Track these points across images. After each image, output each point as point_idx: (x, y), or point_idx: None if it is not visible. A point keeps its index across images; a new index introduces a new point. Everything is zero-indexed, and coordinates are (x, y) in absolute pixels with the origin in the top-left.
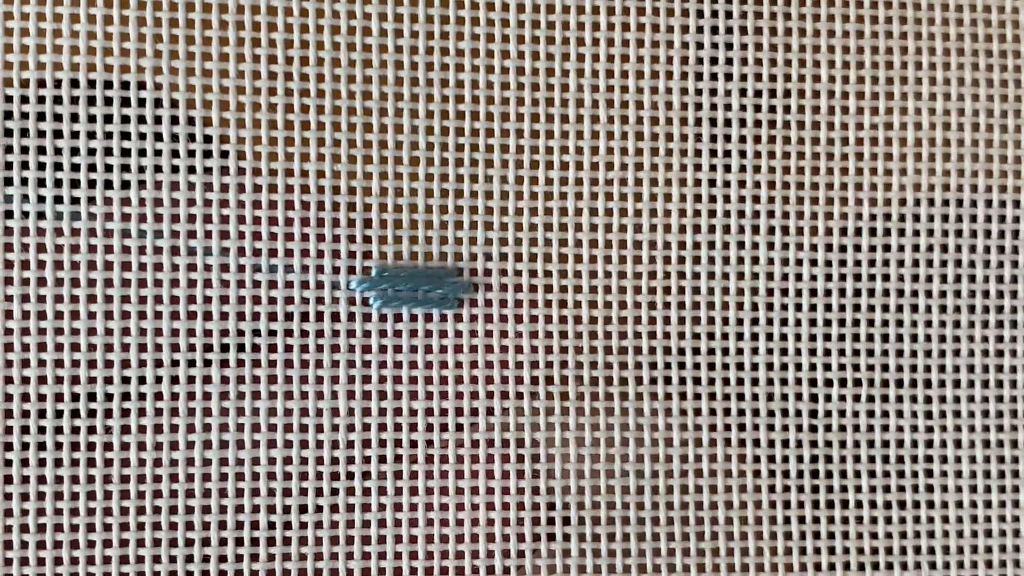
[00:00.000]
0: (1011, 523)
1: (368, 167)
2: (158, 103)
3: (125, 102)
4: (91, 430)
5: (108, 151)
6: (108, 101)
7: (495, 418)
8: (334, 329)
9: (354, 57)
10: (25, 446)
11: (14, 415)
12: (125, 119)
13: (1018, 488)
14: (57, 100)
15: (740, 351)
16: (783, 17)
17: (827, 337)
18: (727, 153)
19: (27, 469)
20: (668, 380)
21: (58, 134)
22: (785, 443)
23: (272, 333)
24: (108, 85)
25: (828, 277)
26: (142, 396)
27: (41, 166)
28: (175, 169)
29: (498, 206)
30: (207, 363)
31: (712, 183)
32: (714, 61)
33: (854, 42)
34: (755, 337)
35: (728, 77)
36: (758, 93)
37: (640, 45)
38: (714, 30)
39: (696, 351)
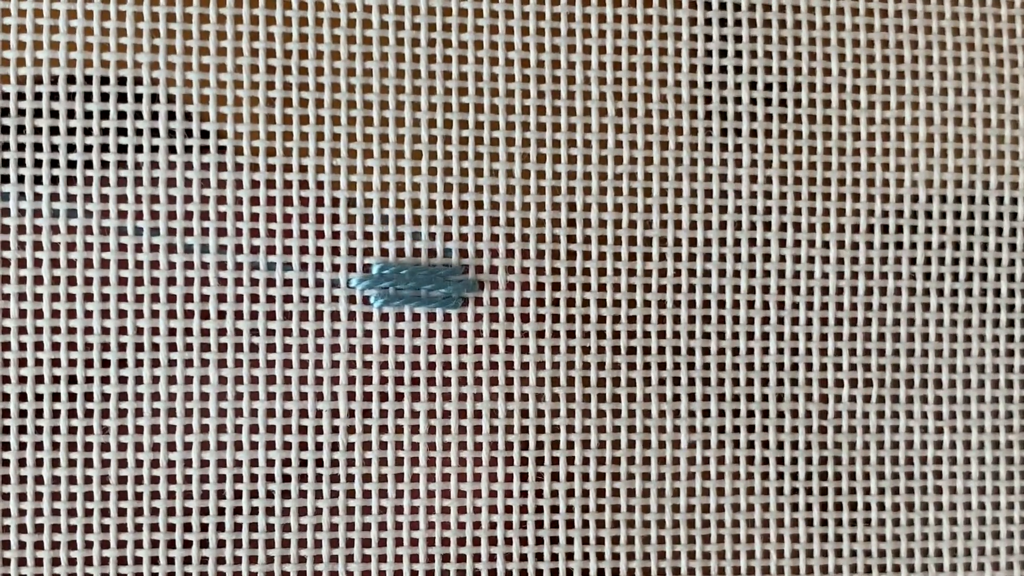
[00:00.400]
0: (1019, 525)
1: (369, 161)
2: (155, 98)
3: (122, 98)
4: (88, 430)
5: (105, 147)
6: (104, 97)
7: (499, 420)
8: (334, 328)
9: (354, 50)
10: (23, 446)
11: (12, 415)
12: (122, 115)
13: None
14: (53, 97)
15: (750, 351)
16: (792, 9)
17: (837, 336)
18: (737, 147)
19: (25, 469)
20: (676, 380)
21: (55, 131)
22: (794, 444)
23: (271, 332)
24: (105, 81)
25: (839, 275)
26: (140, 396)
27: (38, 163)
28: (172, 165)
29: (503, 201)
30: (205, 363)
31: (722, 178)
32: (723, 54)
33: (864, 35)
34: (765, 336)
35: (737, 70)
36: (767, 86)
37: (648, 37)
38: (723, 22)
39: (705, 351)
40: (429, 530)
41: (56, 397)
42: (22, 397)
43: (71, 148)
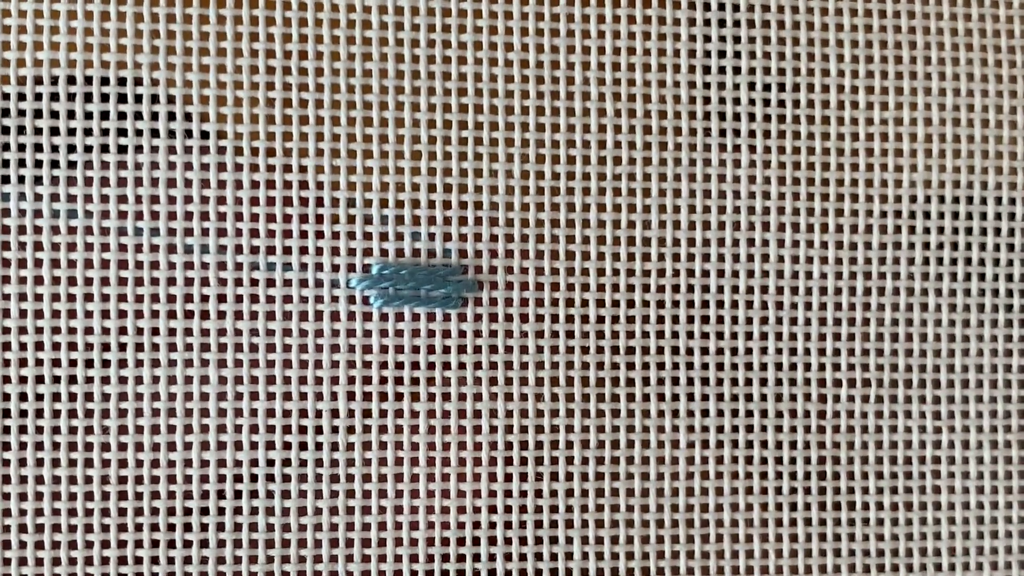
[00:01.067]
0: (1018, 524)
1: (369, 161)
2: (155, 98)
3: (122, 98)
4: (88, 430)
5: (104, 147)
6: (104, 97)
7: (498, 420)
8: (334, 328)
9: (354, 50)
10: (23, 446)
11: (12, 415)
12: (122, 115)
13: None
14: (53, 97)
15: (748, 351)
16: (791, 10)
17: (836, 336)
18: (736, 148)
19: (25, 469)
20: (676, 380)
21: (54, 131)
22: (793, 444)
23: (271, 332)
24: (105, 81)
25: (838, 275)
26: (140, 396)
27: (38, 163)
28: (172, 165)
29: (503, 202)
30: (205, 363)
31: (721, 178)
32: (722, 54)
33: (863, 35)
34: (763, 336)
35: (736, 70)
36: (766, 87)
37: (647, 37)
38: (722, 23)
39: (704, 351)
40: (429, 530)
41: (56, 397)
42: (22, 397)
43: (71, 148)
